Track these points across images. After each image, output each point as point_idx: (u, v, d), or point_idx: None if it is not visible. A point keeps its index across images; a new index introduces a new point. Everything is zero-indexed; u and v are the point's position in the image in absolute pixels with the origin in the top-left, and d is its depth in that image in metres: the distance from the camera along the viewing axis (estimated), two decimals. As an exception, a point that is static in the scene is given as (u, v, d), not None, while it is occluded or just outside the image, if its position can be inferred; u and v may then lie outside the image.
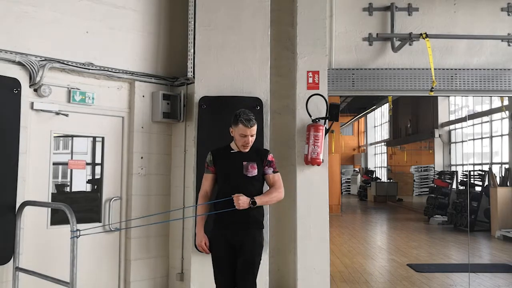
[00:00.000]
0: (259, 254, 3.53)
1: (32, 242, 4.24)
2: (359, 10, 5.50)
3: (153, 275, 5.04)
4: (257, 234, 3.53)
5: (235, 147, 3.59)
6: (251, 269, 3.46)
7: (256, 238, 3.51)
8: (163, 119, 4.97)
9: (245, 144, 3.51)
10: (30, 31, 4.27)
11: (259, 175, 3.53)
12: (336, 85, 5.36)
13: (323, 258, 4.93)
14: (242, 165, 3.50)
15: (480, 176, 12.03)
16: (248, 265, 3.46)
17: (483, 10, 5.52)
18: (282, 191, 3.59)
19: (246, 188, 3.45)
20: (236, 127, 3.47)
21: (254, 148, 3.61)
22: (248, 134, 3.47)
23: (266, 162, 3.57)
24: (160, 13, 5.23)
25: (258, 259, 3.52)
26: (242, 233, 3.47)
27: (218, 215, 3.47)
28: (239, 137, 3.50)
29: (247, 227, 3.48)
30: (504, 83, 5.42)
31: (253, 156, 3.55)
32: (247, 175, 3.49)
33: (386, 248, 9.50)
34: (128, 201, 4.95)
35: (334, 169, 15.73)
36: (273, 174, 3.58)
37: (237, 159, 3.52)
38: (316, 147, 4.78)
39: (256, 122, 3.51)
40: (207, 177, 3.63)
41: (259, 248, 3.53)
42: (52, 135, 4.48)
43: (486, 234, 10.77)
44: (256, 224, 3.53)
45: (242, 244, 3.47)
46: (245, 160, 3.51)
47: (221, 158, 3.57)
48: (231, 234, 3.49)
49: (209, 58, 4.92)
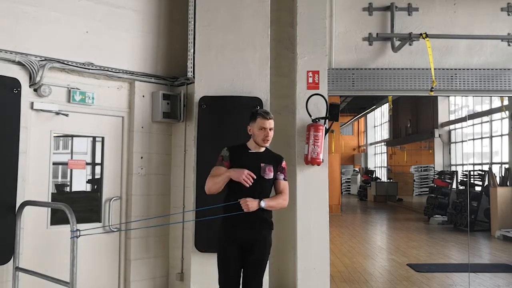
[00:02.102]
0: (268, 254, 3.53)
1: (32, 242, 4.24)
2: (359, 10, 5.49)
3: (153, 275, 5.04)
4: (267, 234, 3.52)
5: (252, 147, 3.55)
6: (260, 269, 3.47)
7: (267, 238, 3.51)
8: (163, 119, 4.97)
9: (265, 137, 3.48)
10: (30, 31, 4.27)
11: (273, 179, 3.54)
12: (336, 85, 5.36)
13: (323, 258, 4.93)
14: (260, 166, 3.47)
15: (480, 176, 12.04)
16: (258, 265, 3.46)
17: (483, 10, 5.52)
18: (287, 200, 3.59)
19: (261, 189, 3.45)
20: (255, 122, 3.48)
21: (270, 152, 3.63)
22: (267, 126, 3.46)
23: (280, 167, 3.57)
24: (160, 13, 5.23)
25: (266, 259, 3.53)
26: (253, 233, 3.45)
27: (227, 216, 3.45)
28: (258, 132, 3.47)
29: (258, 227, 3.47)
30: (504, 83, 5.41)
31: (270, 160, 3.55)
32: (264, 177, 3.47)
33: (386, 248, 9.50)
34: (128, 201, 4.95)
35: (334, 169, 15.73)
36: (283, 181, 3.58)
37: (254, 160, 3.49)
38: (316, 147, 4.78)
39: (274, 117, 3.55)
40: (220, 169, 3.50)
41: (269, 248, 3.53)
42: (52, 135, 4.48)
43: (486, 234, 10.77)
44: (266, 225, 3.52)
45: (252, 244, 3.44)
46: (262, 162, 3.50)
47: (238, 156, 3.51)
48: (241, 234, 3.45)
49: (209, 58, 4.92)
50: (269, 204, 3.44)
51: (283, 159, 3.62)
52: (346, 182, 27.10)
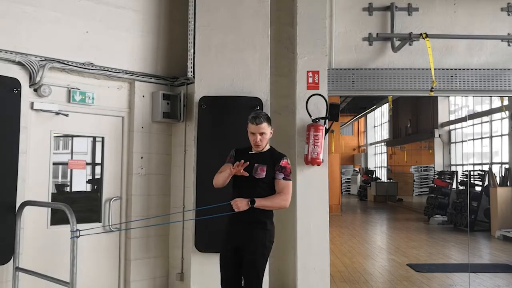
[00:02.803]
0: (262, 255, 3.46)
1: (32, 242, 4.24)
2: (359, 10, 5.49)
3: (153, 275, 5.04)
4: (259, 234, 3.47)
5: (253, 148, 3.60)
6: (253, 269, 3.43)
7: (258, 238, 3.46)
8: (163, 119, 4.97)
9: (254, 143, 3.52)
10: (30, 31, 4.27)
11: (267, 178, 3.49)
12: (336, 85, 5.36)
13: (323, 258, 4.93)
14: (253, 166, 3.49)
15: (480, 176, 12.03)
16: (250, 265, 3.44)
17: (483, 10, 5.52)
18: (286, 199, 3.50)
19: (253, 189, 3.46)
20: (248, 127, 3.53)
21: (272, 151, 3.61)
22: (255, 132, 3.48)
23: (278, 167, 3.51)
24: (160, 13, 5.23)
25: (261, 260, 3.46)
26: (245, 233, 3.47)
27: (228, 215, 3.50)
28: (249, 136, 3.54)
29: (249, 227, 3.47)
30: (504, 83, 5.41)
31: (267, 159, 3.54)
32: (254, 177, 3.48)
33: (386, 248, 9.50)
34: (128, 201, 4.95)
35: (334, 169, 15.73)
36: (282, 180, 3.49)
37: (251, 160, 3.50)
38: (316, 147, 4.78)
39: (264, 121, 3.50)
40: (225, 166, 3.60)
41: (261, 248, 3.46)
42: (52, 135, 4.48)
43: (486, 234, 10.77)
44: (259, 225, 3.49)
45: (244, 244, 3.46)
46: (257, 162, 3.51)
47: (241, 156, 3.55)
48: (235, 234, 3.50)
49: (209, 58, 4.92)
50: (261, 204, 3.42)
51: (282, 158, 3.55)
52: (346, 182, 27.09)
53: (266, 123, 3.52)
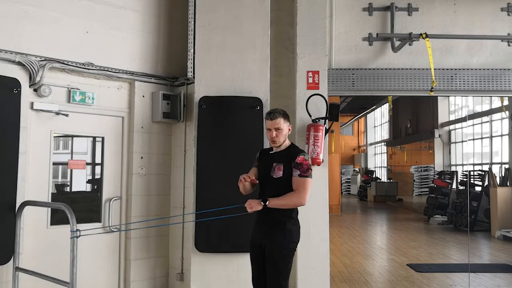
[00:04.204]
0: (283, 256, 3.37)
1: (32, 242, 4.25)
2: (359, 10, 5.50)
3: (153, 275, 5.04)
4: (279, 235, 3.39)
5: (274, 148, 3.56)
6: (274, 270, 3.37)
7: (277, 239, 3.38)
8: (163, 119, 4.97)
9: (271, 138, 3.48)
10: (30, 31, 4.27)
11: (284, 176, 3.40)
12: (336, 85, 5.36)
13: (323, 258, 4.93)
14: (272, 166, 3.46)
15: (480, 176, 12.03)
16: (271, 265, 3.39)
17: (483, 10, 5.52)
18: (302, 197, 3.37)
19: (270, 189, 3.43)
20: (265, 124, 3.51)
21: (290, 148, 3.53)
22: (271, 127, 3.44)
23: (294, 163, 3.39)
24: (160, 13, 5.23)
25: (282, 261, 3.37)
26: (263, 234, 3.46)
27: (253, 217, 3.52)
28: (267, 133, 3.50)
29: (268, 228, 3.44)
30: (504, 83, 5.41)
31: (284, 158, 3.45)
32: (272, 177, 3.43)
33: (386, 248, 9.50)
34: (128, 201, 4.95)
35: (334, 169, 15.74)
36: (298, 177, 3.37)
37: (270, 160, 3.49)
38: (316, 147, 4.78)
39: (280, 116, 3.43)
40: (253, 169, 3.63)
41: (281, 249, 3.37)
42: (52, 135, 4.48)
43: (486, 234, 10.77)
44: (277, 225, 3.41)
45: (265, 244, 3.44)
46: (275, 162, 3.46)
47: (263, 157, 3.56)
48: (256, 235, 3.52)
49: (209, 58, 4.92)
50: (275, 203, 3.34)
51: (299, 154, 3.40)
52: (346, 182, 27.09)
53: (282, 118, 3.45)
